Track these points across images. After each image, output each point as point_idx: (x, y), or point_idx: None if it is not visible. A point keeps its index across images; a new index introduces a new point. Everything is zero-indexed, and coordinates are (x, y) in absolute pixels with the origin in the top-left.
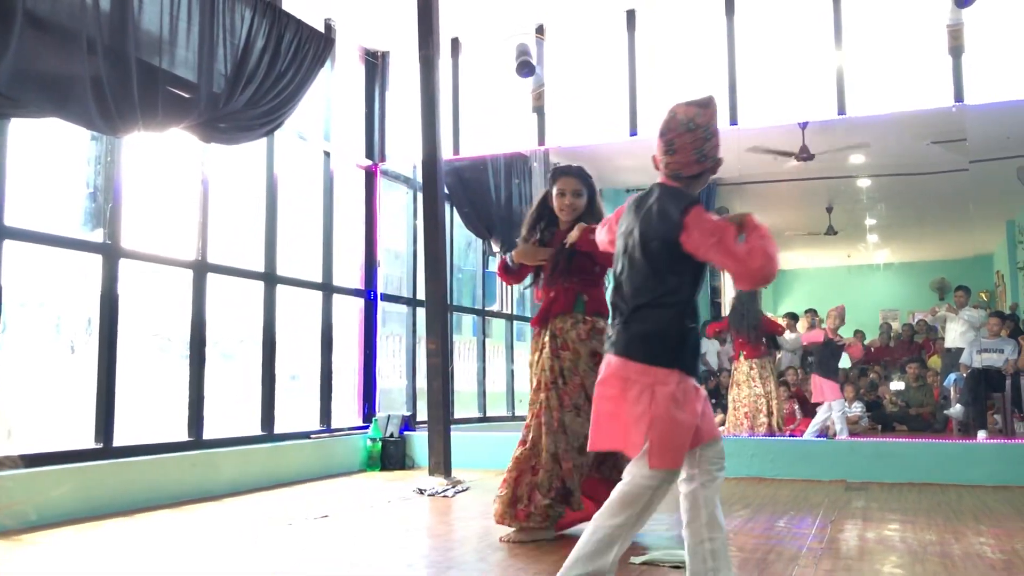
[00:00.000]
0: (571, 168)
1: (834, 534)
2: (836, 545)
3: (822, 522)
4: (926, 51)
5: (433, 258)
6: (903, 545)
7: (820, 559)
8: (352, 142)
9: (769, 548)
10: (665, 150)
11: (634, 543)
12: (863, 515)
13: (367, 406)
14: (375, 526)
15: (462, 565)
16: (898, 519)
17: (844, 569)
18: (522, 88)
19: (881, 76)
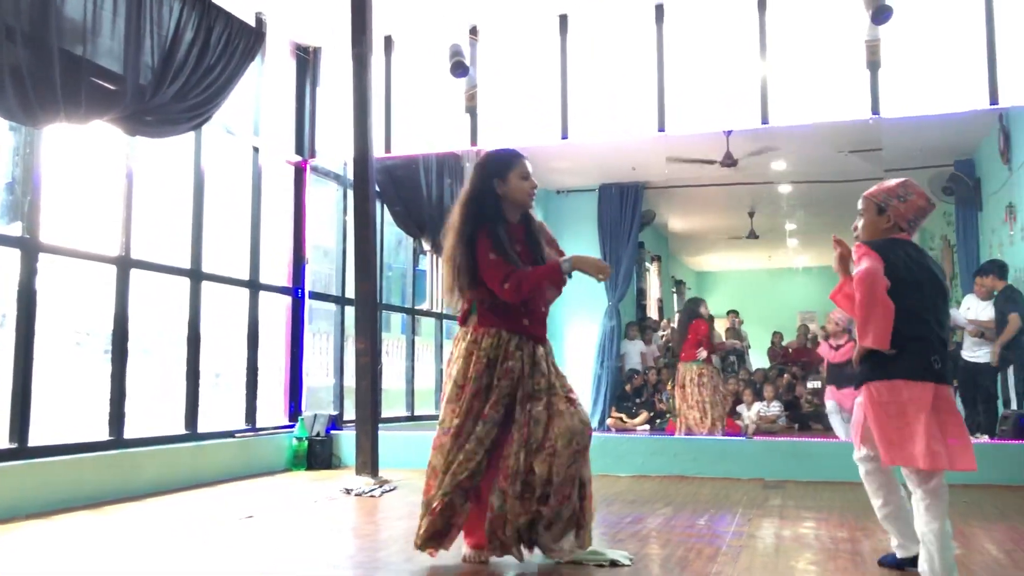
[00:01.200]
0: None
1: (752, 531)
2: (754, 543)
3: (741, 520)
4: (845, 65)
5: (363, 257)
6: (817, 542)
7: (739, 556)
8: (282, 138)
9: (690, 546)
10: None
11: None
12: (780, 513)
13: (293, 405)
14: (301, 526)
15: (389, 566)
16: (813, 517)
17: (761, 566)
18: (455, 88)
19: (803, 87)
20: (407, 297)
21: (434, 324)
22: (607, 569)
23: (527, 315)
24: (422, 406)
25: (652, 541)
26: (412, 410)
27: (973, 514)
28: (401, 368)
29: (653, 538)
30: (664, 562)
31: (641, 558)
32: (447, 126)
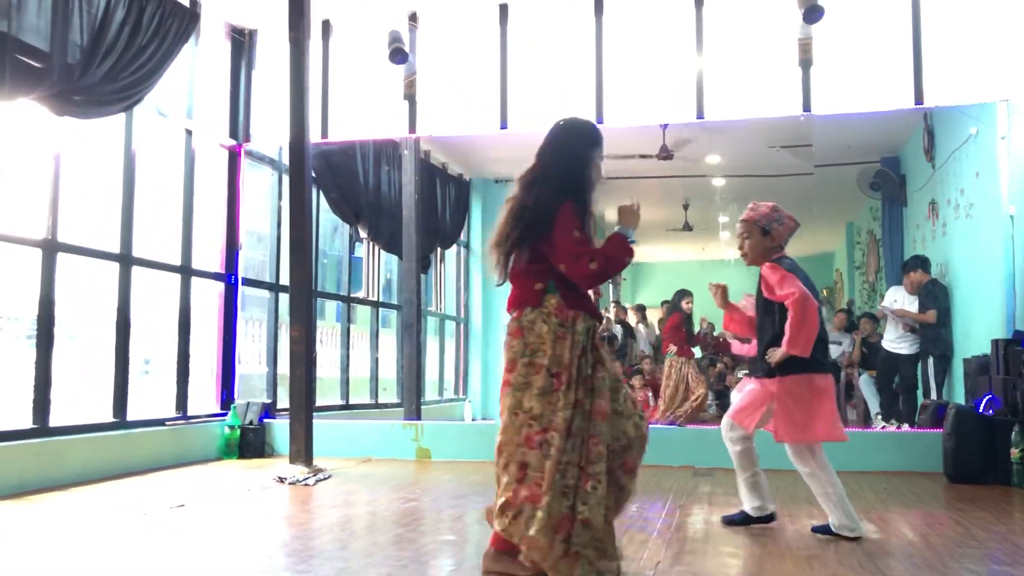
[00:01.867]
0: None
1: (682, 518)
2: (683, 529)
3: (671, 507)
4: (779, 62)
5: (298, 243)
6: (744, 528)
7: (669, 543)
8: (216, 121)
9: (622, 532)
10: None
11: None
12: (709, 500)
13: (225, 392)
14: (233, 515)
15: (323, 554)
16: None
17: (690, 552)
18: (394, 75)
19: (737, 83)
20: (343, 285)
21: (370, 312)
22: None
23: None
24: (357, 395)
25: None
26: (347, 399)
27: (891, 500)
28: (335, 356)
29: None
30: None
31: None
32: (385, 113)
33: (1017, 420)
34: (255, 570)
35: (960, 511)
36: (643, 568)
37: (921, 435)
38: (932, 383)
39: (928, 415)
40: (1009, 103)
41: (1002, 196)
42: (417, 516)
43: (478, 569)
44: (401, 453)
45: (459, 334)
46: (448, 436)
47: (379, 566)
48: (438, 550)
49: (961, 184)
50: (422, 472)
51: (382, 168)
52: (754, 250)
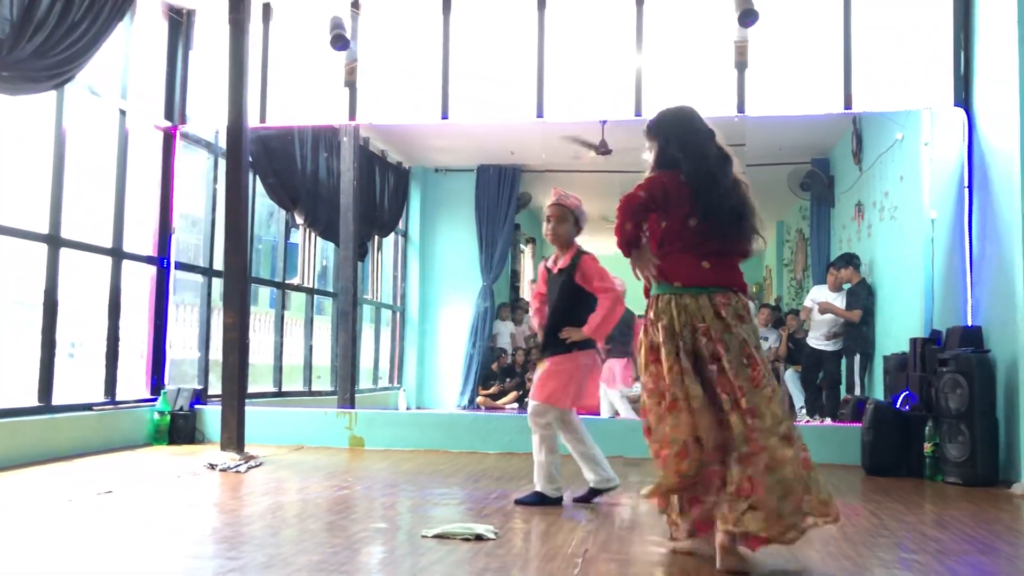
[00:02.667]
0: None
1: (611, 507)
2: (612, 517)
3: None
4: (715, 63)
5: (234, 229)
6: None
7: (598, 530)
8: (151, 102)
9: (552, 520)
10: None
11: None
12: (638, 489)
13: (156, 378)
14: (162, 502)
15: (254, 540)
16: None
17: (617, 539)
18: (335, 61)
19: (675, 83)
20: (277, 271)
21: (304, 299)
22: (473, 542)
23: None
24: (290, 382)
25: (516, 516)
26: (280, 386)
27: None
28: (269, 343)
29: (518, 513)
30: (527, 536)
31: (505, 532)
32: (325, 99)
33: (931, 416)
34: (184, 557)
35: (875, 502)
36: (572, 555)
37: (841, 429)
38: (856, 379)
39: (849, 410)
40: (932, 111)
41: (924, 200)
42: (349, 504)
43: (410, 556)
44: (334, 441)
45: (395, 322)
46: (382, 424)
47: (310, 553)
48: (370, 537)
49: (886, 187)
50: (355, 460)
51: (320, 154)
52: (566, 235)
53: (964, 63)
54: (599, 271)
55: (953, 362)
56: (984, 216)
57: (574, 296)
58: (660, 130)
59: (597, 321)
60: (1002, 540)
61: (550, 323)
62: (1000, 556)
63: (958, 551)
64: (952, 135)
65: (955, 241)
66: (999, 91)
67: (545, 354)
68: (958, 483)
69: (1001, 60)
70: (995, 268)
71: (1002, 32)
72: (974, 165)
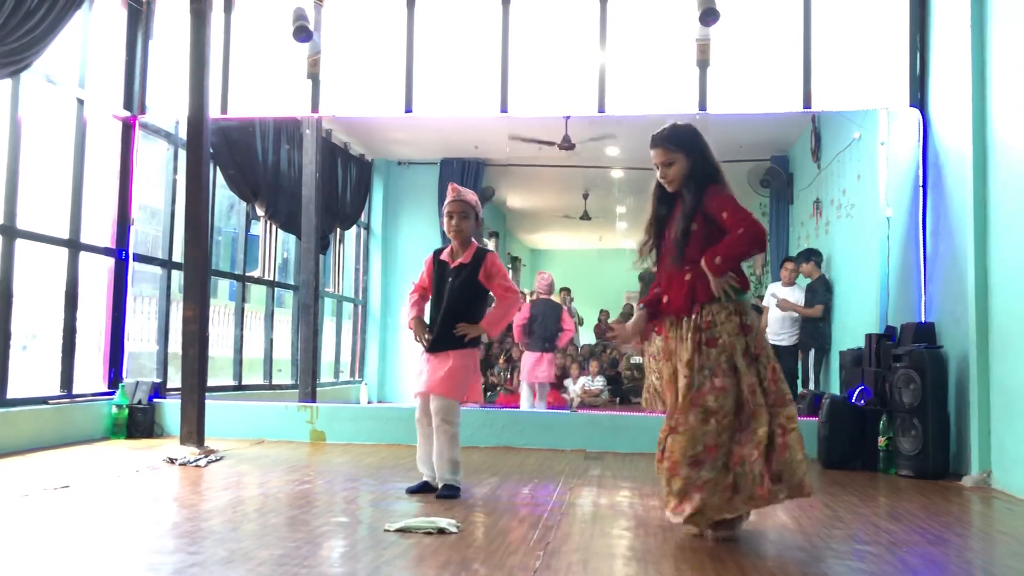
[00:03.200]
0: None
1: (572, 500)
2: (574, 511)
3: (563, 489)
4: (678, 61)
5: (194, 221)
6: (631, 510)
7: (559, 524)
8: (110, 91)
9: (514, 514)
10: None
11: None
12: (598, 482)
13: (113, 371)
14: (121, 496)
15: (214, 535)
16: (628, 486)
17: (579, 533)
18: (298, 53)
19: (638, 80)
20: (238, 263)
21: (265, 292)
22: (435, 536)
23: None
24: (251, 375)
25: (478, 509)
26: (240, 379)
27: None
28: (228, 336)
29: (479, 507)
30: (489, 529)
31: (467, 525)
32: (288, 91)
33: (885, 410)
34: (144, 552)
35: (831, 495)
36: (533, 548)
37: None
38: (811, 374)
39: (805, 404)
40: (889, 111)
41: (880, 198)
42: (311, 498)
43: (372, 550)
44: (295, 435)
45: (357, 316)
46: (343, 418)
47: (271, 547)
48: (332, 532)
49: (843, 185)
50: (316, 454)
51: (282, 146)
52: (468, 231)
53: (920, 65)
54: (503, 270)
55: (907, 358)
56: (938, 215)
57: (475, 293)
58: (691, 145)
59: (498, 318)
60: (951, 531)
61: (447, 317)
62: (949, 547)
63: (909, 542)
64: (908, 135)
65: (910, 239)
66: (953, 93)
67: (442, 347)
68: (910, 476)
69: (955, 63)
70: (948, 266)
71: (956, 35)
72: (928, 165)
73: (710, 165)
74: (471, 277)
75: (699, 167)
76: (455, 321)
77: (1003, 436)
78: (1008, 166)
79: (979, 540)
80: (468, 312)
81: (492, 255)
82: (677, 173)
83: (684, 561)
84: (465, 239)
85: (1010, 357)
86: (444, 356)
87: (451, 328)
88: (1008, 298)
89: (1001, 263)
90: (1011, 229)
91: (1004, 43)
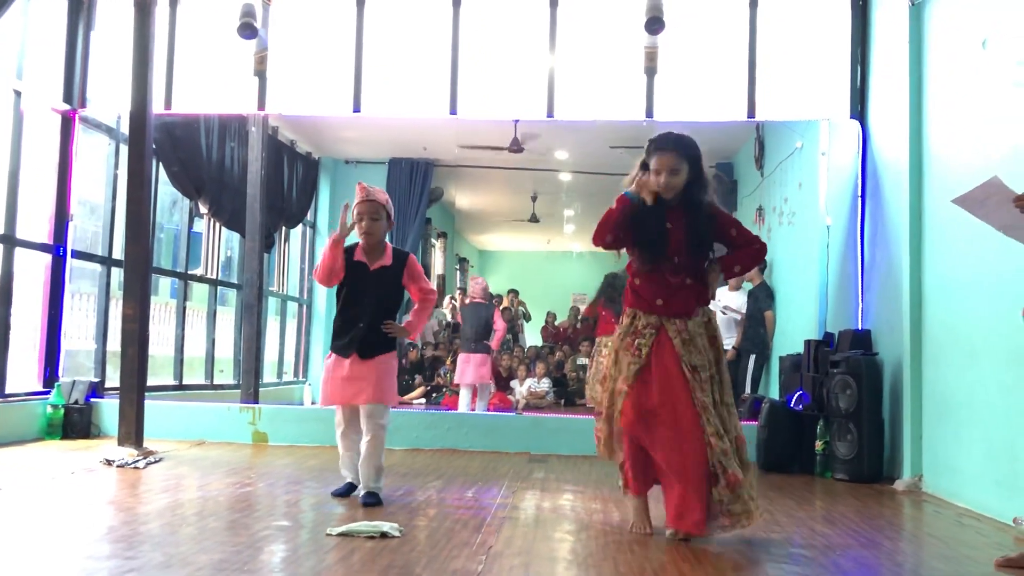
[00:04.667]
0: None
1: (516, 503)
2: (517, 514)
3: (506, 492)
4: (626, 68)
5: (136, 217)
6: (573, 513)
7: (502, 527)
8: (49, 84)
9: (457, 517)
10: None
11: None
12: (542, 485)
13: (49, 370)
14: (56, 499)
15: (152, 539)
16: (571, 489)
17: (521, 536)
18: (244, 49)
19: (586, 85)
20: (180, 261)
21: (207, 290)
22: (377, 540)
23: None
24: (192, 375)
25: (421, 513)
26: (181, 379)
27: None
28: (169, 334)
29: (422, 510)
30: (432, 533)
31: (410, 529)
32: (233, 88)
33: (822, 415)
34: (78, 557)
35: (768, 499)
36: (476, 552)
37: None
38: (750, 379)
39: (746, 408)
40: (830, 122)
41: (820, 207)
42: (252, 501)
43: (314, 554)
44: (237, 436)
45: (301, 316)
46: (286, 420)
47: (211, 552)
48: (273, 536)
49: (785, 193)
50: (258, 456)
51: (227, 143)
52: (380, 231)
53: (860, 78)
54: (422, 271)
55: (843, 364)
56: (875, 224)
57: (399, 295)
58: (696, 157)
59: (421, 319)
60: (883, 535)
61: (373, 320)
62: (881, 550)
63: (843, 545)
64: (848, 146)
65: (848, 247)
66: (891, 105)
67: (372, 353)
68: (846, 479)
69: (894, 76)
70: (884, 274)
71: (895, 50)
72: (867, 175)
73: (705, 179)
74: (395, 280)
75: (699, 179)
76: (381, 324)
77: (934, 441)
78: (942, 178)
79: (909, 543)
80: (390, 314)
81: (412, 256)
82: (680, 182)
83: (624, 564)
84: (379, 240)
85: (942, 364)
86: (374, 362)
87: (378, 332)
88: (940, 307)
89: (934, 273)
90: (944, 240)
91: (941, 58)
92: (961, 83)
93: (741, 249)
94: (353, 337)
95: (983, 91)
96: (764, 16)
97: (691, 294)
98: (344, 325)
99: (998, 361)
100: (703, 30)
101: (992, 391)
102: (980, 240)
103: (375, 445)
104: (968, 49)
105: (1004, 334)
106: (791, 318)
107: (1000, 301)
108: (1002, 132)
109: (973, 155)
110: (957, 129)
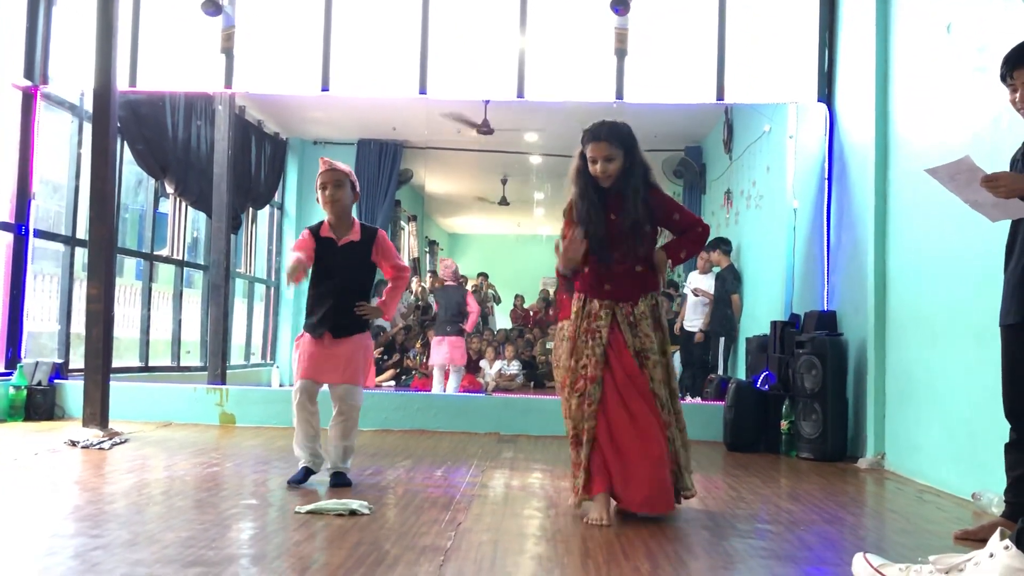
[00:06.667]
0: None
1: (485, 482)
2: (486, 492)
3: (476, 471)
4: (596, 50)
5: (100, 197)
6: (542, 491)
7: (471, 505)
8: (9, 59)
9: (427, 496)
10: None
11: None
12: (511, 465)
13: (11, 351)
14: (19, 480)
15: (118, 518)
16: (540, 468)
17: (490, 513)
18: (211, 26)
19: (557, 67)
20: (145, 241)
21: (173, 271)
22: (347, 518)
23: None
24: (157, 357)
25: (391, 492)
26: (147, 361)
27: None
28: (135, 316)
29: (392, 489)
30: (401, 511)
31: (379, 507)
32: (200, 65)
33: (788, 395)
34: (43, 536)
35: (735, 477)
36: (445, 528)
37: (705, 407)
38: (719, 360)
39: (713, 389)
40: (798, 105)
41: (787, 190)
42: (219, 481)
43: (282, 531)
44: (204, 418)
45: (269, 297)
46: (254, 401)
47: (179, 530)
48: (241, 514)
49: (753, 177)
50: (226, 437)
51: (194, 122)
52: (347, 201)
53: (828, 62)
54: (393, 248)
55: (809, 344)
56: (841, 207)
57: (369, 272)
58: (630, 143)
59: (395, 299)
60: (846, 511)
61: (345, 300)
62: (844, 525)
63: (807, 521)
64: (815, 129)
65: (815, 230)
66: (858, 89)
67: (345, 333)
68: (811, 458)
69: (860, 60)
70: (849, 256)
71: (862, 34)
72: (834, 158)
73: (644, 165)
74: (364, 256)
75: (635, 166)
76: (352, 302)
77: (896, 421)
78: (907, 161)
79: (871, 518)
80: (362, 293)
81: (382, 232)
82: (616, 169)
83: (592, 540)
84: (345, 211)
85: (904, 346)
86: (347, 341)
87: (350, 311)
88: (904, 289)
89: (899, 255)
90: (909, 222)
91: (906, 42)
92: (926, 67)
93: (685, 234)
94: (325, 315)
95: (947, 76)
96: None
97: (637, 280)
98: (315, 303)
99: (959, 342)
100: (674, 12)
101: (952, 371)
102: (943, 223)
103: (348, 426)
104: (934, 34)
105: (965, 315)
106: (758, 300)
107: (961, 283)
108: (964, 116)
109: (938, 138)
110: (922, 113)
